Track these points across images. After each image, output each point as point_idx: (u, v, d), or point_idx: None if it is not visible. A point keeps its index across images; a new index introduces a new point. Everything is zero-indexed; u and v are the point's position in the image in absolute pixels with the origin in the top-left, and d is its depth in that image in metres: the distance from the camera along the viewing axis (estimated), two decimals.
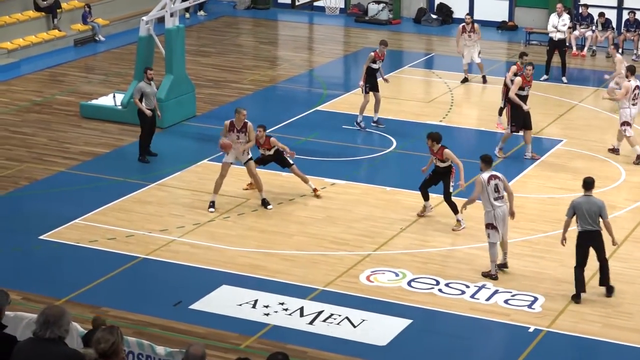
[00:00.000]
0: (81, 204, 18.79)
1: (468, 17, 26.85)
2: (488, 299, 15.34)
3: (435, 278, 15.97)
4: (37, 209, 18.72)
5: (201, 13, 35.27)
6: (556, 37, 27.11)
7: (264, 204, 18.63)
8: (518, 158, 20.99)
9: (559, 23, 27.14)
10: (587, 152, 21.69)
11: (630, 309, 15.09)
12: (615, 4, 32.01)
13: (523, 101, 21.11)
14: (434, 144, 17.81)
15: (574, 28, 30.04)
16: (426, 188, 18.10)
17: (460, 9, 33.73)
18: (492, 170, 15.92)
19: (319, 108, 24.89)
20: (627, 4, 31.82)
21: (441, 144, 17.78)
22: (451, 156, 17.67)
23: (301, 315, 14.79)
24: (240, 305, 15.08)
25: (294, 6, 25.07)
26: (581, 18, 30.60)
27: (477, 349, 14.30)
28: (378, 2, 34.44)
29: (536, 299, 15.32)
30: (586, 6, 30.76)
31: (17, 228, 17.92)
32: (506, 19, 33.45)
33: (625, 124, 21.06)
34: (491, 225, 15.75)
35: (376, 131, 22.94)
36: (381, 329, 14.43)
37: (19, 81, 27.27)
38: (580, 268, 15.24)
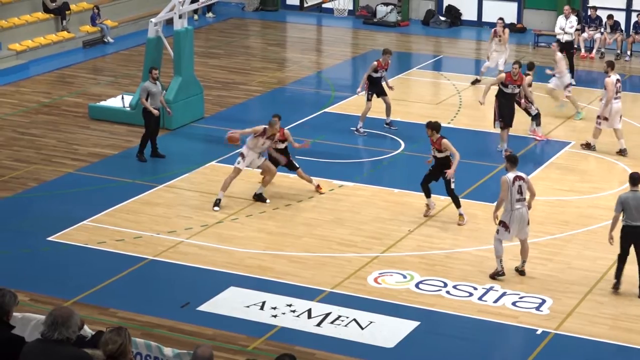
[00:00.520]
0: (89, 205, 18.82)
1: (500, 21, 26.55)
2: (496, 301, 15.33)
3: (443, 280, 15.97)
4: (46, 210, 18.75)
5: (210, 15, 35.31)
6: (564, 39, 27.09)
7: (260, 199, 18.89)
8: (525, 160, 20.93)
9: (566, 25, 27.13)
10: (595, 155, 21.67)
11: (638, 311, 15.06)
12: (624, 6, 31.98)
13: (508, 98, 21.35)
14: (433, 133, 17.91)
15: (582, 30, 30.02)
16: (427, 183, 18.19)
17: (468, 11, 33.77)
18: (517, 171, 15.89)
19: (327, 110, 24.90)
20: (636, 6, 31.77)
21: (440, 134, 17.89)
22: (449, 146, 17.76)
23: (309, 317, 14.79)
24: (248, 306, 15.09)
25: (302, 8, 25.04)
26: (590, 20, 30.57)
27: (485, 351, 14.29)
28: (386, 4, 34.44)
29: (544, 301, 15.30)
30: (595, 8, 30.74)
31: (26, 229, 17.94)
32: (515, 21, 33.42)
33: (603, 118, 21.47)
34: (504, 223, 15.73)
35: (384, 133, 22.93)
36: (389, 331, 14.43)
37: (27, 83, 27.33)
38: (622, 259, 15.37)
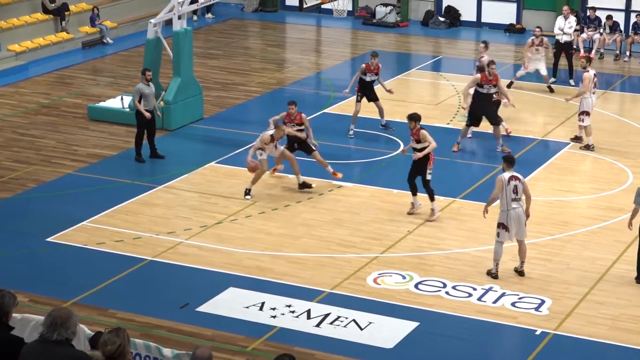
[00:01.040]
0: (89, 206, 18.82)
1: (537, 30, 26.30)
2: (495, 301, 15.33)
3: (442, 281, 15.97)
4: (45, 211, 18.75)
5: (209, 16, 35.30)
6: (563, 39, 27.09)
7: (305, 186, 19.51)
8: (524, 161, 20.93)
9: (565, 25, 27.11)
10: (594, 155, 21.68)
11: (638, 311, 15.05)
12: (623, 7, 31.98)
13: (482, 98, 21.50)
14: (416, 125, 18.17)
15: (581, 31, 30.02)
16: (413, 179, 18.41)
17: (468, 11, 33.78)
18: (513, 171, 15.92)
19: (326, 111, 24.91)
20: (635, 6, 31.77)
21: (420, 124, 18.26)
22: (427, 137, 18.07)
23: (308, 317, 14.79)
24: (247, 307, 15.09)
25: (301, 9, 25.04)
26: (589, 21, 30.57)
27: (484, 352, 14.29)
28: (386, 5, 34.44)
29: (543, 301, 15.31)
30: (594, 9, 30.74)
31: (25, 230, 17.94)
32: (514, 21, 33.44)
33: (584, 113, 21.60)
34: (503, 224, 15.75)
35: (383, 134, 22.93)
36: (388, 332, 14.43)
37: (27, 83, 27.33)
38: None
